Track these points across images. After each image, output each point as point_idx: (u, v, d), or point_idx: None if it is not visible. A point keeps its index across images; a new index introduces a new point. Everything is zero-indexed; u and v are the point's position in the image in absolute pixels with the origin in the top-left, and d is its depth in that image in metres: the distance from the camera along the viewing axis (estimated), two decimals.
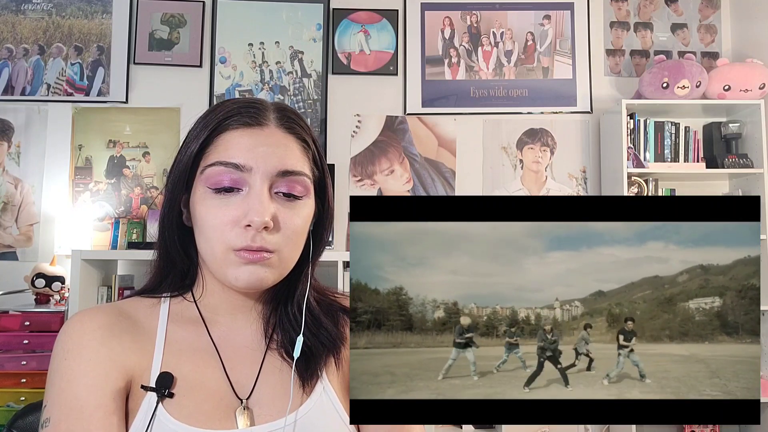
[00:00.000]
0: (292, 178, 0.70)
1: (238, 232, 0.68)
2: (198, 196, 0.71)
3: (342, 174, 2.85)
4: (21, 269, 2.62)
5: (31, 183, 2.77)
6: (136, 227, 2.64)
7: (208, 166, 0.70)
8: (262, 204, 0.67)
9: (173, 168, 0.74)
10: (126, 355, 0.69)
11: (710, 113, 2.85)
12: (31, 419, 1.15)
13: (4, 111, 2.80)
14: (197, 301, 0.77)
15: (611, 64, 3.02)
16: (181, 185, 0.72)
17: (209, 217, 0.69)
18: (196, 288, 0.78)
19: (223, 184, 0.69)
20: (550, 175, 2.93)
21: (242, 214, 0.67)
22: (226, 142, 0.70)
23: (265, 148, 0.70)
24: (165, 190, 0.75)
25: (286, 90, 2.90)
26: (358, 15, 2.95)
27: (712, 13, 3.05)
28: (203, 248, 0.71)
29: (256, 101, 0.74)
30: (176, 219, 0.74)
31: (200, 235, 0.71)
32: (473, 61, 2.98)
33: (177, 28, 2.88)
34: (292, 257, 0.73)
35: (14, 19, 2.86)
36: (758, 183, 2.62)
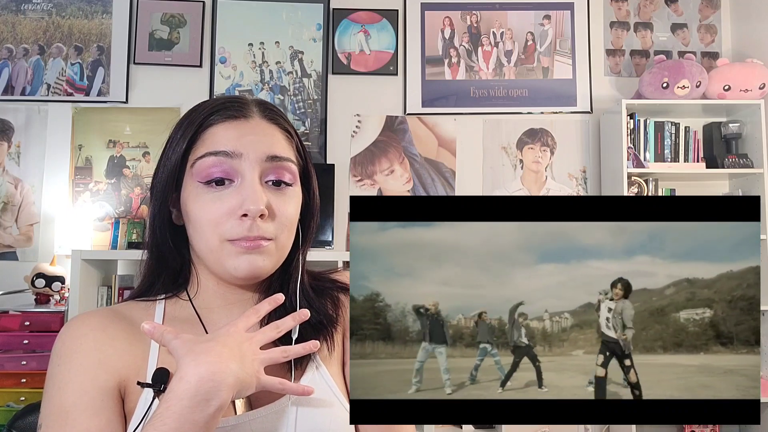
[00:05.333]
0: (280, 164, 0.72)
1: (234, 223, 0.68)
2: (189, 192, 0.71)
3: (342, 174, 2.84)
4: (21, 269, 2.62)
5: (31, 183, 2.77)
6: (136, 227, 2.65)
7: (198, 159, 0.70)
8: (256, 193, 0.68)
9: (160, 168, 0.74)
10: (118, 356, 0.69)
11: (710, 113, 2.85)
12: (30, 420, 1.15)
13: (4, 111, 2.80)
14: (192, 299, 0.77)
15: (611, 64, 3.01)
16: (171, 184, 0.73)
17: (203, 211, 0.69)
18: (190, 287, 0.78)
19: (213, 175, 0.69)
20: (550, 175, 2.93)
21: (237, 205, 0.68)
22: (213, 135, 0.71)
23: (252, 137, 0.71)
24: (152, 191, 0.75)
25: (286, 90, 2.90)
26: (358, 15, 2.94)
27: (712, 13, 3.04)
28: (198, 243, 0.72)
29: (237, 97, 0.77)
30: (167, 218, 0.75)
31: (194, 230, 0.71)
32: (473, 61, 2.98)
33: (177, 28, 2.88)
34: (287, 244, 0.74)
35: (14, 19, 2.86)
36: (758, 183, 2.62)
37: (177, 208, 0.75)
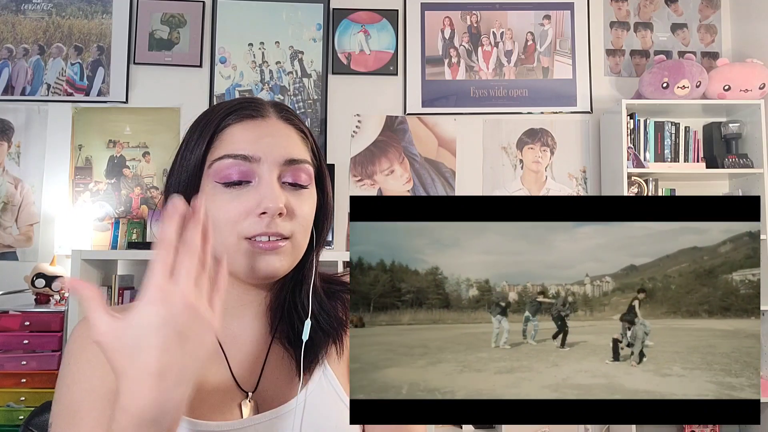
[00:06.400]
0: (297, 167, 0.72)
1: (253, 221, 0.69)
2: (207, 192, 0.71)
3: (342, 174, 2.84)
4: (21, 269, 2.62)
5: (31, 183, 2.77)
6: (136, 227, 2.65)
7: (216, 160, 0.70)
8: (274, 192, 0.69)
9: (176, 170, 0.74)
10: None
11: (710, 113, 2.85)
12: (47, 417, 1.15)
13: (4, 111, 2.80)
14: None
15: (611, 64, 3.02)
16: (192, 185, 0.72)
17: (221, 211, 0.69)
18: None
19: (232, 177, 0.70)
20: (550, 175, 2.93)
21: (255, 204, 0.69)
22: (231, 136, 0.71)
23: (270, 138, 0.72)
24: (172, 190, 0.74)
25: (286, 90, 2.90)
26: (358, 15, 2.94)
27: (712, 13, 3.05)
28: (214, 243, 0.71)
29: (253, 98, 0.77)
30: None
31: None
32: (473, 61, 2.98)
33: (177, 28, 2.88)
34: (303, 245, 0.74)
35: (14, 19, 2.86)
36: (758, 183, 2.62)
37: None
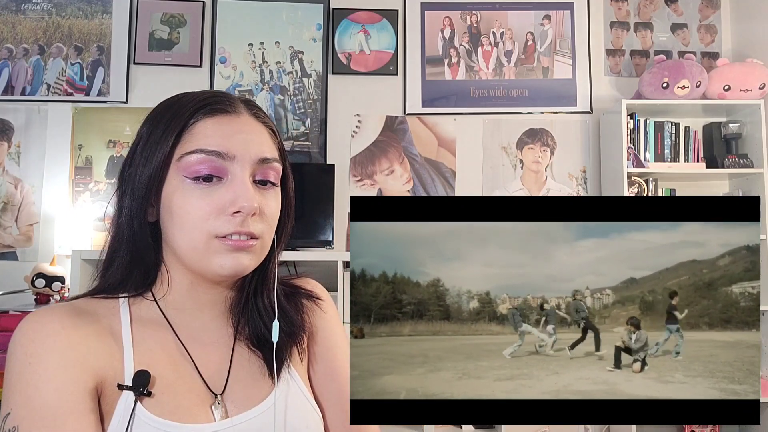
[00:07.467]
0: (269, 165, 0.72)
1: (225, 219, 0.67)
2: (174, 187, 0.69)
3: (342, 174, 2.84)
4: (21, 269, 2.62)
5: (31, 183, 2.77)
6: None
7: (186, 154, 0.68)
8: (249, 191, 0.68)
9: (137, 161, 0.71)
10: (94, 356, 0.66)
11: (710, 113, 2.85)
12: None
13: (4, 111, 2.80)
14: (159, 300, 0.74)
15: (611, 64, 3.02)
16: (155, 179, 0.69)
17: (189, 207, 0.68)
18: (157, 286, 0.75)
19: (202, 172, 0.68)
20: (550, 175, 2.93)
21: (228, 202, 0.68)
22: (204, 130, 0.69)
23: (243, 135, 0.70)
24: (126, 184, 0.71)
25: (286, 90, 2.90)
26: (358, 15, 2.94)
27: (712, 13, 3.05)
28: (179, 240, 0.69)
29: (222, 92, 0.75)
30: (145, 214, 0.71)
31: (175, 226, 0.69)
32: (473, 61, 2.98)
33: (177, 28, 2.88)
34: (269, 243, 0.74)
35: (14, 19, 2.86)
36: (758, 183, 2.62)
37: (155, 204, 0.71)
